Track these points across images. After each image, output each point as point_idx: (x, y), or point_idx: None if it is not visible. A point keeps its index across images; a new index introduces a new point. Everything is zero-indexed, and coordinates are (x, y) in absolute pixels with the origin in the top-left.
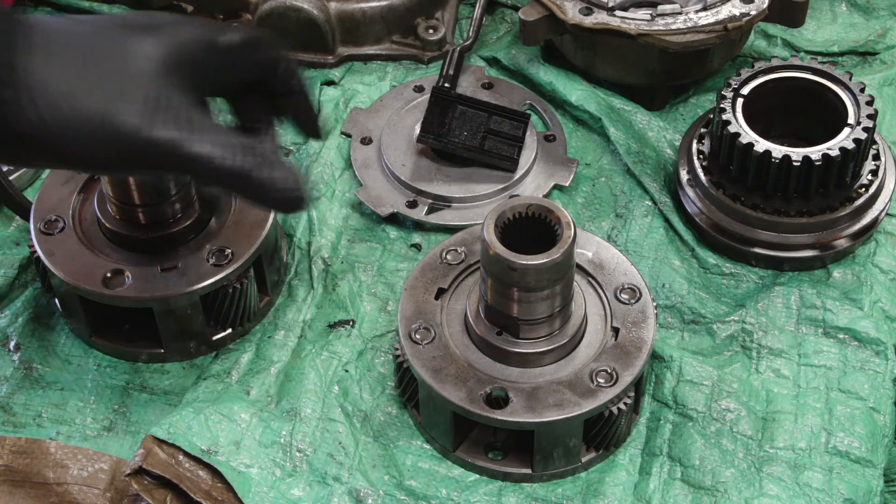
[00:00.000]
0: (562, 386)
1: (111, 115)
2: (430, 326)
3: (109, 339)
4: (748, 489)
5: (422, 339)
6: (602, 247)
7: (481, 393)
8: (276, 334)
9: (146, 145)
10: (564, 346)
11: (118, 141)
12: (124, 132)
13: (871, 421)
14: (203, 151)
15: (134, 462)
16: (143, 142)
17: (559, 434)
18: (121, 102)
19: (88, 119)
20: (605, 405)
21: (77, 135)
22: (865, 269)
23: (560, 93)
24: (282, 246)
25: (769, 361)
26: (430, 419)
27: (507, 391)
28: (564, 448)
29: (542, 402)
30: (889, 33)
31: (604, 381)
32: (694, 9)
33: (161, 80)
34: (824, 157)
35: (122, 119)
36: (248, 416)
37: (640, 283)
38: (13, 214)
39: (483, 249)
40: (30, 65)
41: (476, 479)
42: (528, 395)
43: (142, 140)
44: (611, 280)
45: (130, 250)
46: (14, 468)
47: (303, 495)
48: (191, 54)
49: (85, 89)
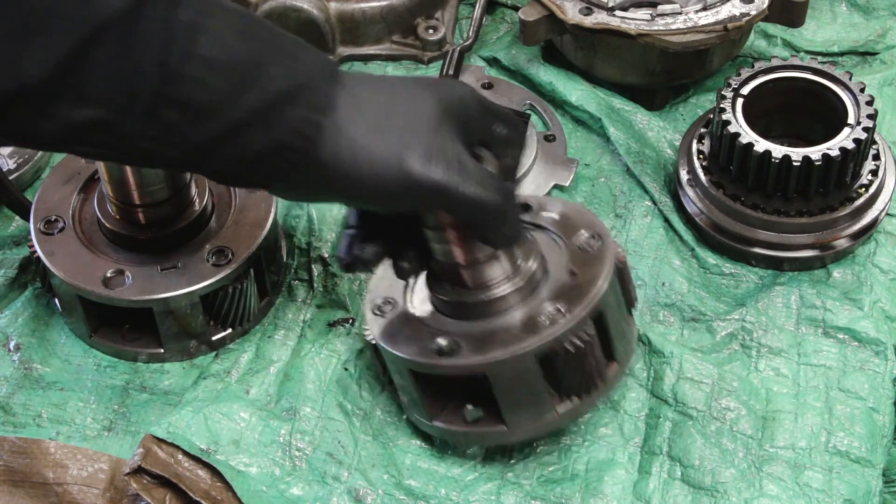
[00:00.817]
0: (513, 328)
1: (399, 160)
2: (392, 299)
3: (109, 339)
4: (748, 489)
5: (384, 312)
6: (568, 206)
7: (432, 346)
8: (275, 334)
9: (423, 187)
10: (520, 290)
11: (401, 183)
12: (407, 175)
13: (870, 421)
14: (470, 193)
15: (133, 461)
16: (421, 183)
17: (514, 376)
18: (407, 150)
19: (383, 162)
20: (558, 340)
21: (370, 179)
22: (865, 269)
23: (560, 93)
24: (282, 246)
25: (769, 360)
26: (403, 391)
27: (459, 340)
28: (529, 393)
29: (490, 344)
30: (889, 33)
31: (553, 318)
32: (694, 9)
33: (439, 130)
34: (824, 157)
35: (408, 163)
36: (247, 415)
37: (603, 230)
38: (13, 214)
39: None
40: (339, 119)
41: (475, 478)
42: (480, 340)
43: (421, 182)
44: (574, 233)
45: (130, 250)
46: (14, 468)
47: (302, 494)
48: (464, 110)
49: (380, 139)
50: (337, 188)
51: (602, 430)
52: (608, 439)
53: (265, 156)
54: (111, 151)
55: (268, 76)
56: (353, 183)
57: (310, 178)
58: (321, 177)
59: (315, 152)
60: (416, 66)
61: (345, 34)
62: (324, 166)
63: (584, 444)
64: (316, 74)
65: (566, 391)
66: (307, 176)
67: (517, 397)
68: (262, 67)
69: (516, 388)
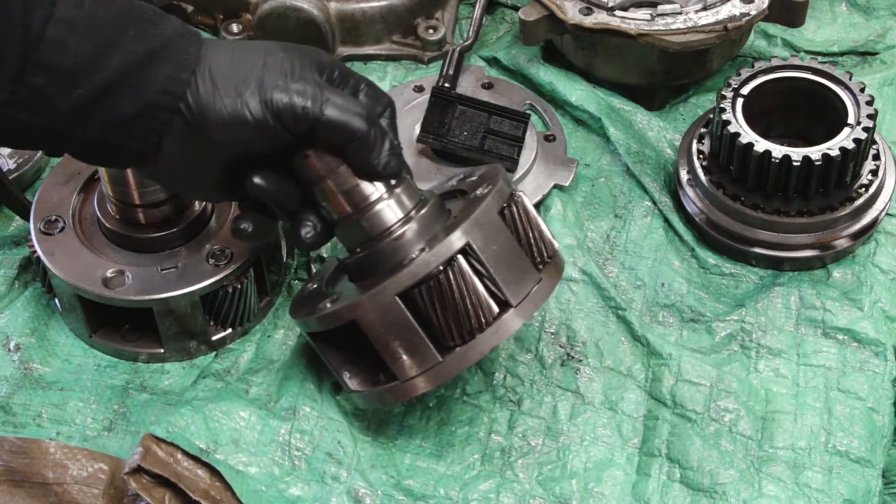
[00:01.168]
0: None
1: (262, 90)
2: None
3: (109, 339)
4: (747, 490)
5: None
6: (488, 169)
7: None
8: (275, 334)
9: (284, 110)
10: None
11: (266, 112)
12: (270, 101)
13: (870, 421)
14: (331, 114)
15: (132, 461)
16: (281, 107)
17: (380, 319)
18: (268, 79)
19: (248, 98)
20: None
21: (237, 118)
22: (865, 269)
23: (560, 93)
24: (282, 246)
25: (768, 361)
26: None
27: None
28: (403, 338)
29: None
30: (889, 33)
31: (418, 256)
32: (694, 9)
33: (298, 66)
34: (824, 157)
35: (269, 92)
36: (246, 414)
37: (494, 181)
38: (13, 214)
39: None
40: (203, 74)
41: (474, 476)
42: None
43: (281, 106)
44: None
45: (130, 250)
46: (14, 468)
47: (301, 494)
48: (329, 62)
49: (242, 81)
50: (210, 140)
51: (600, 431)
52: (606, 440)
53: (137, 117)
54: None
55: (129, 38)
56: (223, 128)
57: (184, 138)
58: (193, 133)
59: (185, 108)
60: (416, 65)
61: (345, 34)
62: (195, 121)
63: (582, 444)
64: (176, 37)
65: (446, 335)
66: (181, 137)
67: (391, 342)
68: (124, 31)
69: (387, 333)
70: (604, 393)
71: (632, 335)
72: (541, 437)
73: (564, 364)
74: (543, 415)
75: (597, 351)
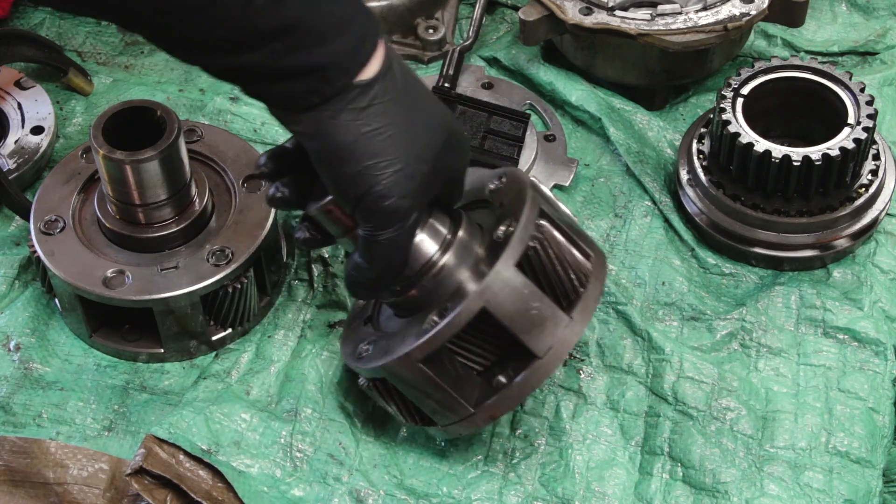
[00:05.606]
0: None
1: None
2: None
3: (109, 339)
4: (749, 489)
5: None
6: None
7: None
8: (275, 334)
9: (391, 189)
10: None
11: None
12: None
13: (870, 421)
14: (392, 235)
15: (134, 462)
16: (383, 206)
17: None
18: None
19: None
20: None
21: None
22: (865, 269)
23: (560, 93)
24: (282, 246)
25: (768, 360)
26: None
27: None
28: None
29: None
30: (889, 33)
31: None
32: (694, 9)
33: (433, 163)
34: (824, 157)
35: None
36: (248, 416)
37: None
38: (13, 214)
39: None
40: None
41: (477, 476)
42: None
43: (384, 205)
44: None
45: (130, 250)
46: (14, 468)
47: (303, 495)
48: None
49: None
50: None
51: (603, 430)
52: (608, 439)
53: (311, 69)
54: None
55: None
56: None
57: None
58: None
59: (343, 94)
60: (417, 65)
61: None
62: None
63: (584, 443)
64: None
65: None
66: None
67: (423, 400)
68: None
69: (415, 389)
70: (606, 392)
71: (632, 331)
72: (543, 437)
73: (567, 364)
74: (546, 414)
75: (598, 349)
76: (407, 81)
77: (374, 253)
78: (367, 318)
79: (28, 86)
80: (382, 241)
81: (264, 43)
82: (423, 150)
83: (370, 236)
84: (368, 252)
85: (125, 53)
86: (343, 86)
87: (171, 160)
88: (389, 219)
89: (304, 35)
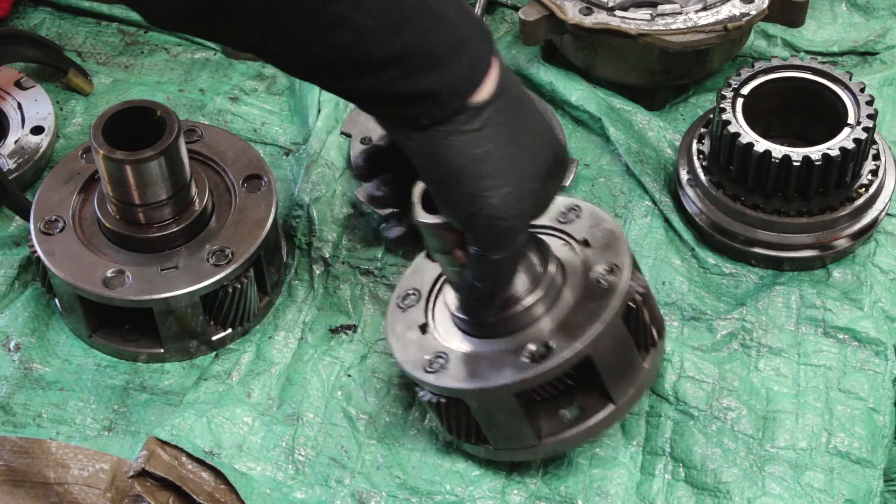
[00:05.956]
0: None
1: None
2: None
3: (109, 339)
4: (750, 489)
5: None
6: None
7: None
8: (276, 335)
9: (503, 210)
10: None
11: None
12: (495, 208)
13: (871, 421)
14: (504, 255)
15: (137, 464)
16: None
17: (488, 406)
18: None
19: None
20: (535, 380)
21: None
22: (865, 269)
23: (560, 93)
24: (282, 246)
25: (769, 360)
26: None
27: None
28: (506, 425)
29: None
30: (889, 33)
31: (538, 354)
32: (694, 9)
33: (544, 182)
34: (824, 157)
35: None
36: (250, 419)
37: (622, 260)
38: (13, 214)
39: None
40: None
41: (480, 475)
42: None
43: (496, 221)
44: (594, 256)
45: (130, 250)
46: (15, 468)
47: (305, 498)
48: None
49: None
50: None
51: None
52: (610, 438)
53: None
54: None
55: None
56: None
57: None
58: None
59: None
60: None
61: None
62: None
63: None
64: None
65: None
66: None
67: (493, 425)
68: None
69: (492, 415)
70: None
71: None
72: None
73: None
74: None
75: None
76: (520, 99)
77: (485, 272)
78: (421, 326)
79: (28, 86)
80: (494, 260)
81: (378, 70)
82: (535, 170)
83: (482, 256)
84: (480, 271)
85: (125, 53)
86: (456, 108)
87: (172, 160)
88: (501, 239)
89: (418, 61)
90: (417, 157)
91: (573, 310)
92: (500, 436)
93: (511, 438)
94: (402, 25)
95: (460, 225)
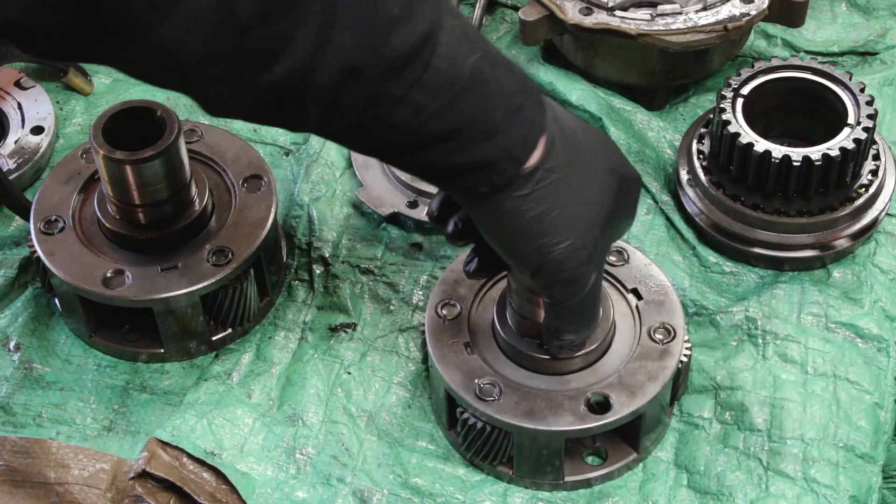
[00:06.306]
0: (554, 399)
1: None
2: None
3: (109, 339)
4: (754, 489)
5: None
6: (654, 279)
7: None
8: (276, 335)
9: (567, 262)
10: (586, 356)
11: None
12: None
13: (873, 417)
14: (574, 303)
15: (138, 465)
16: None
17: (533, 446)
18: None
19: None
20: (579, 436)
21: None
22: (865, 269)
23: (560, 93)
24: (282, 246)
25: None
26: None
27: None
28: (545, 464)
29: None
30: (889, 33)
31: (587, 415)
32: (694, 9)
33: (604, 224)
34: (824, 157)
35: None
36: (250, 420)
37: (677, 322)
38: (13, 214)
39: None
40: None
41: (482, 479)
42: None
43: (568, 263)
44: (650, 314)
45: (130, 250)
46: (15, 468)
47: (307, 497)
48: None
49: (564, 206)
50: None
51: None
52: None
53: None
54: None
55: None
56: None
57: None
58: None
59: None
60: None
61: None
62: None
63: None
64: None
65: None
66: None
67: (529, 460)
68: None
69: (535, 452)
70: None
71: None
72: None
73: None
74: None
75: None
76: (569, 149)
77: (563, 317)
78: (466, 344)
79: (28, 86)
80: (568, 306)
81: (435, 144)
82: (593, 217)
83: (554, 304)
84: (555, 317)
85: None
86: (514, 174)
87: (171, 160)
88: (568, 288)
89: (474, 133)
90: (478, 222)
91: (630, 364)
92: (530, 469)
93: (537, 473)
94: (457, 99)
95: (527, 276)
